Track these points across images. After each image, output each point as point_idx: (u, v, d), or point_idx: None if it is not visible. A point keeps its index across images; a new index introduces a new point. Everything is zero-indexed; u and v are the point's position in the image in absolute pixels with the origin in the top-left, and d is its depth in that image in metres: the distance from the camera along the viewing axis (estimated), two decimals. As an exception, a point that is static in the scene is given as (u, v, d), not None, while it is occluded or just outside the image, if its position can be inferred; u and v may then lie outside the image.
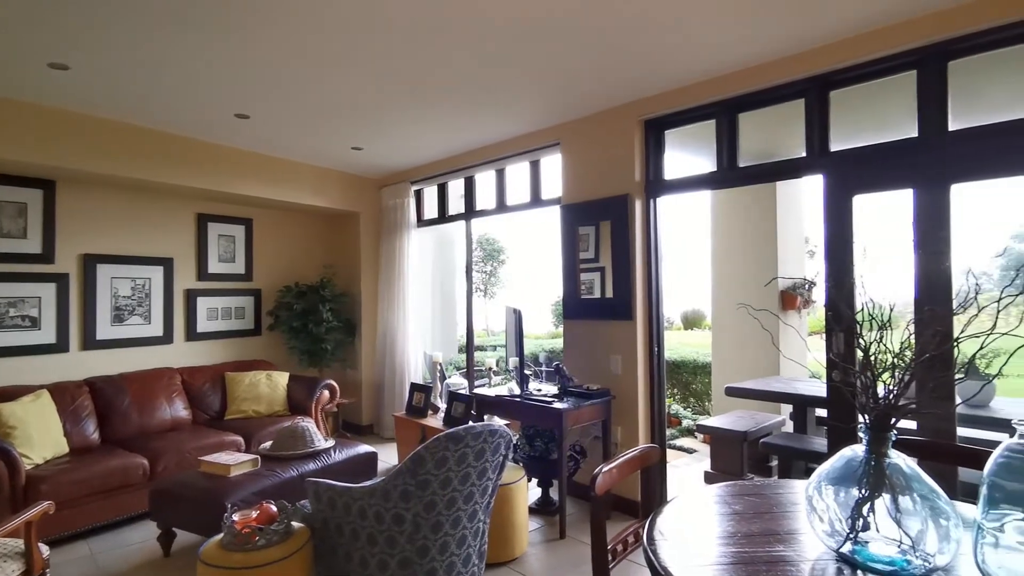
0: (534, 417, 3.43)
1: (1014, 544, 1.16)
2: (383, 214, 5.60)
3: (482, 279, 16.36)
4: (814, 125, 2.98)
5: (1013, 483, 1.19)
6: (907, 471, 1.31)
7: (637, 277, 3.61)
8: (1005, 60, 2.57)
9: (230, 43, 2.81)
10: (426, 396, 4.59)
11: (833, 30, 2.72)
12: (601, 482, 1.63)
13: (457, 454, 2.19)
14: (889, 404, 1.33)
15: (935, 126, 2.62)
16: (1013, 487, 1.19)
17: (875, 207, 2.83)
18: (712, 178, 3.41)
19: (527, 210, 4.47)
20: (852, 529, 1.32)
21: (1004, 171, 2.49)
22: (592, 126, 3.85)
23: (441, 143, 4.56)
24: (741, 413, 4.68)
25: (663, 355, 3.65)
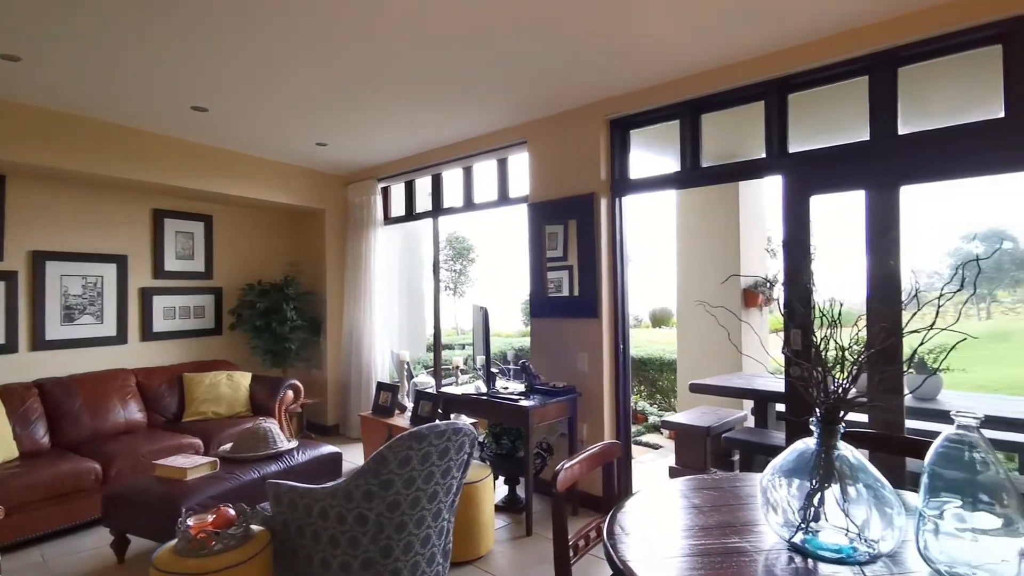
0: (501, 415, 3.43)
1: (952, 531, 1.21)
2: (349, 211, 5.52)
3: (451, 277, 16.26)
4: (773, 127, 3.06)
5: (952, 472, 1.24)
6: (854, 462, 1.35)
7: (603, 275, 3.64)
8: (950, 68, 2.69)
9: (186, 34, 2.72)
10: (393, 395, 4.55)
11: (791, 35, 2.79)
12: (562, 479, 1.63)
13: (421, 453, 2.17)
14: (838, 398, 1.38)
15: (886, 130, 2.71)
16: (952, 476, 1.24)
17: (835, 207, 2.91)
18: (676, 178, 3.47)
19: (495, 208, 4.47)
20: (803, 519, 1.36)
21: (949, 174, 2.60)
22: (559, 125, 3.87)
23: (408, 140, 4.51)
24: (705, 409, 4.77)
25: (628, 353, 3.70)
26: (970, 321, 16.13)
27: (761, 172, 3.13)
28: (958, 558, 1.19)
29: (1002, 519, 1.18)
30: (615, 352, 3.67)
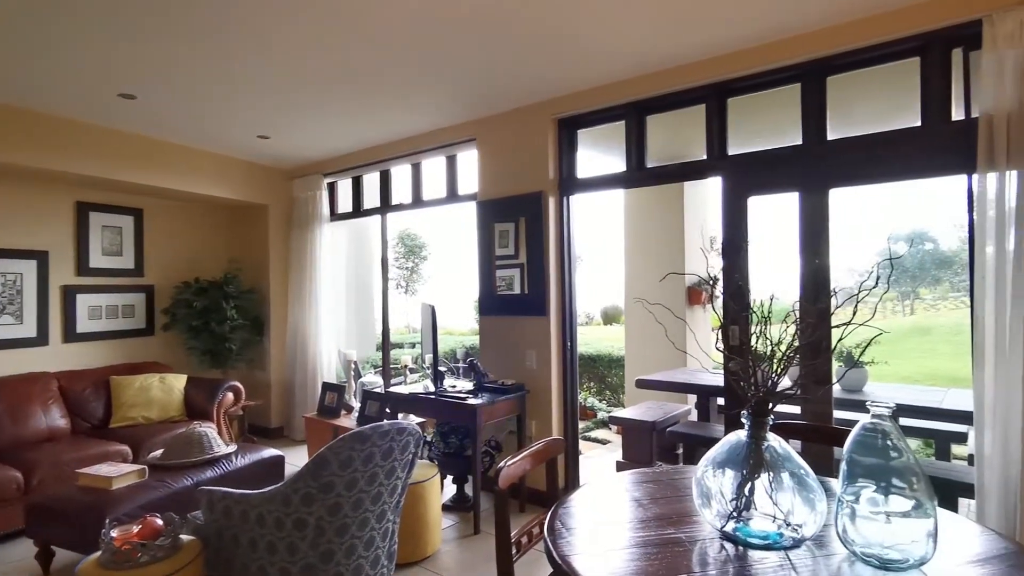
0: (449, 414, 3.41)
1: (867, 514, 1.28)
2: (294, 207, 5.35)
3: (402, 275, 16.04)
4: (714, 130, 3.16)
5: (867, 458, 1.31)
6: (781, 452, 1.41)
7: (551, 274, 3.67)
8: (874, 78, 2.84)
9: (110, 17, 2.56)
10: (339, 395, 4.44)
11: (730, 41, 2.88)
12: (504, 476, 1.63)
13: (363, 454, 2.12)
14: (766, 392, 1.43)
15: (816, 135, 2.84)
16: (867, 462, 1.31)
17: (774, 208, 3.03)
18: (622, 178, 3.53)
19: (444, 205, 4.43)
20: (735, 508, 1.41)
21: (873, 178, 2.75)
22: (507, 123, 3.87)
23: (355, 135, 4.41)
24: (651, 404, 4.89)
25: (576, 350, 3.74)
26: (896, 317, 17.19)
27: (702, 173, 3.23)
28: (872, 539, 1.26)
29: (913, 501, 1.26)
30: (563, 349, 3.71)
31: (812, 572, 1.25)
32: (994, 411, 2.28)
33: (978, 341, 2.33)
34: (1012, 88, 2.24)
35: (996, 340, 2.27)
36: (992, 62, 2.29)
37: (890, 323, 16.59)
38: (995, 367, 2.27)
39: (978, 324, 2.34)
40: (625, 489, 1.79)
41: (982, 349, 2.31)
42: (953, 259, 20.84)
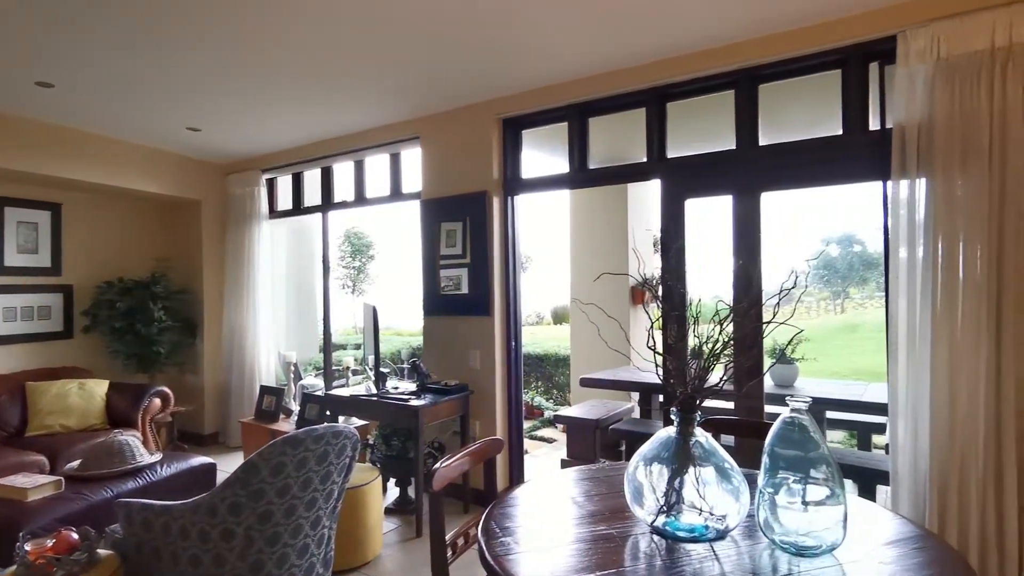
0: (391, 416, 3.35)
1: (786, 504, 1.33)
2: (230, 203, 5.13)
3: (349, 275, 15.66)
4: (654, 133, 3.23)
5: (787, 450, 1.37)
6: (707, 446, 1.45)
7: (495, 273, 3.66)
8: (801, 87, 2.98)
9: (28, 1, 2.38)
10: (277, 399, 4.29)
11: (667, 47, 2.95)
12: (439, 477, 1.61)
13: (297, 459, 2.05)
14: (693, 388, 1.47)
15: (748, 141, 2.96)
16: (787, 454, 1.37)
17: (712, 211, 3.12)
18: (565, 178, 3.56)
19: (387, 204, 4.35)
20: (664, 503, 1.44)
21: (800, 183, 2.88)
22: (451, 122, 3.84)
23: (295, 130, 4.27)
24: (595, 402, 4.96)
25: (520, 349, 3.75)
26: (828, 315, 18.15)
27: (643, 176, 3.30)
28: (790, 528, 1.31)
29: (827, 490, 1.32)
30: (508, 349, 3.71)
31: (733, 562, 1.29)
32: (906, 403, 2.43)
33: (892, 338, 2.48)
34: (922, 101, 2.39)
35: (908, 337, 2.42)
36: (904, 76, 2.44)
37: (823, 321, 17.50)
38: (907, 362, 2.42)
39: (892, 322, 2.49)
40: (562, 487, 1.80)
41: (896, 345, 2.46)
42: (879, 261, 22.21)
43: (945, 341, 2.30)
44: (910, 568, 1.25)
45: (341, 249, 15.22)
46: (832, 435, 5.37)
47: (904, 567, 1.26)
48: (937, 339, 2.32)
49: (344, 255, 15.21)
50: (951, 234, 2.31)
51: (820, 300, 19.81)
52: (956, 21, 2.32)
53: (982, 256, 2.24)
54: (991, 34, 2.25)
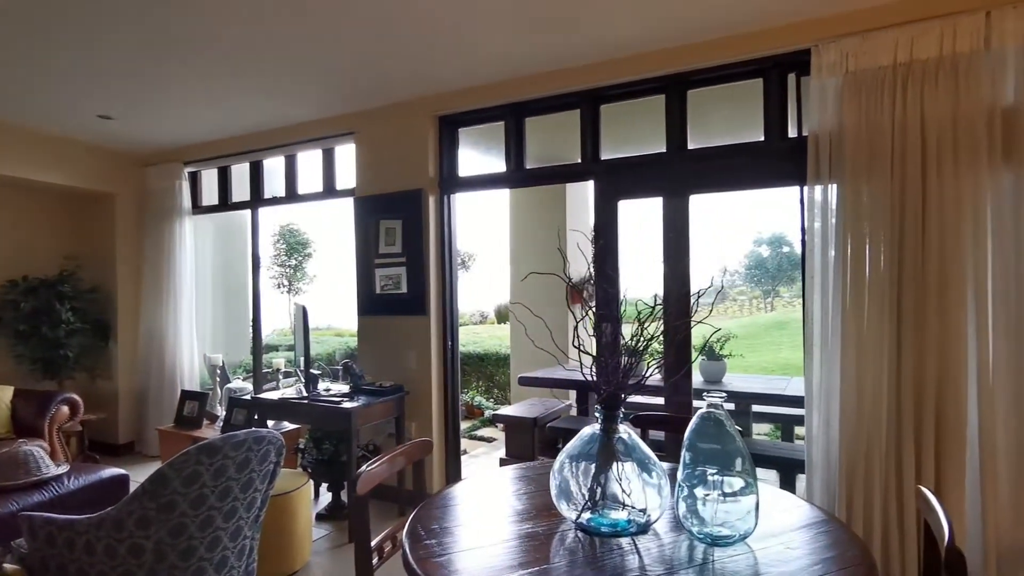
0: (322, 419, 3.24)
1: (702, 496, 1.37)
2: (148, 198, 4.82)
3: (284, 273, 15.04)
4: (588, 135, 3.28)
5: (704, 444, 1.41)
6: (629, 442, 1.48)
7: (431, 272, 3.62)
8: (727, 94, 3.10)
9: None
10: (200, 404, 4.07)
11: (601, 51, 3.00)
12: (363, 482, 1.57)
13: (214, 467, 1.94)
14: (616, 386, 1.49)
15: (678, 144, 3.05)
16: (704, 447, 1.41)
17: (649, 212, 3.19)
18: (501, 178, 3.56)
19: (320, 200, 4.21)
20: (588, 499, 1.46)
21: (726, 186, 3.00)
22: (387, 118, 3.76)
23: (221, 121, 4.06)
24: (534, 401, 5.00)
25: (457, 349, 3.72)
26: (760, 313, 19.07)
27: (578, 176, 3.35)
28: (708, 519, 1.36)
29: (741, 481, 1.37)
30: (444, 349, 3.67)
31: (653, 555, 1.32)
32: (820, 396, 2.57)
33: (808, 334, 2.63)
34: (833, 111, 2.54)
35: (822, 333, 2.57)
36: (818, 88, 2.58)
37: (754, 318, 18.40)
38: (820, 357, 2.57)
39: (808, 319, 2.63)
40: (494, 486, 1.80)
41: (811, 342, 2.61)
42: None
43: (853, 337, 2.45)
44: (814, 551, 1.32)
45: (276, 247, 14.65)
46: (759, 428, 5.64)
47: (809, 551, 1.32)
48: (846, 335, 2.47)
49: (279, 253, 14.63)
50: (858, 236, 2.47)
51: (752, 298, 20.83)
52: (863, 38, 2.48)
53: (885, 257, 2.41)
54: (894, 51, 2.42)
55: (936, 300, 2.31)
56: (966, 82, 2.29)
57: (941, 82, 2.33)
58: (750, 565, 1.26)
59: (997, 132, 2.25)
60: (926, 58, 2.36)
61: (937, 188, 2.33)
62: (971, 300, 2.28)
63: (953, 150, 2.30)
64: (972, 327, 2.27)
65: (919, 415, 2.34)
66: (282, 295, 15.38)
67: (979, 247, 2.27)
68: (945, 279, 2.30)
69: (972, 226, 2.28)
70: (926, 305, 2.34)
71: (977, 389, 2.26)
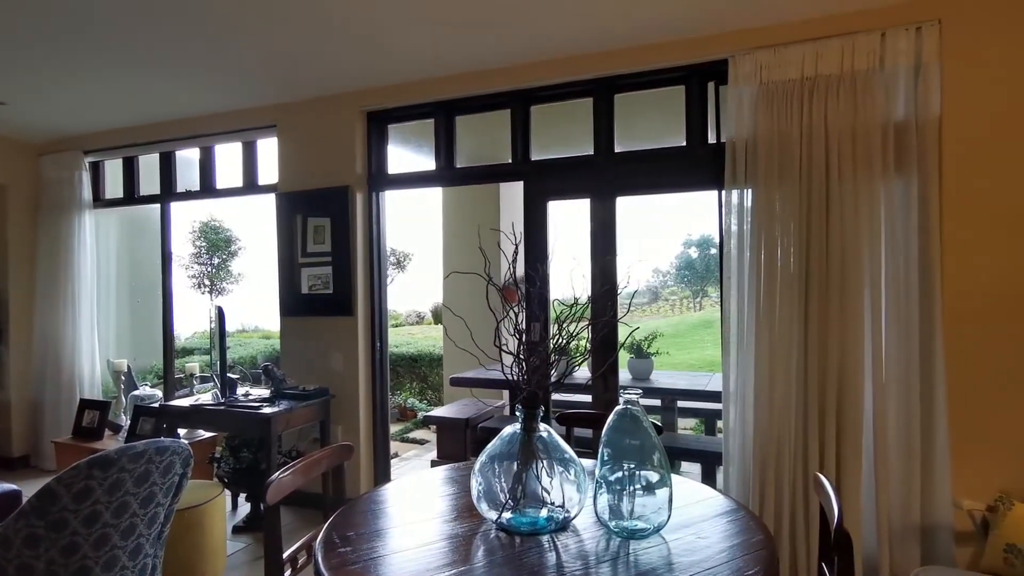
0: (239, 425, 3.08)
1: (618, 491, 1.39)
2: (43, 189, 4.41)
3: (205, 272, 14.16)
4: (518, 135, 3.29)
5: (621, 440, 1.44)
6: (549, 440, 1.48)
7: (359, 272, 3.51)
8: (653, 100, 3.20)
9: None
10: (101, 414, 3.77)
11: (530, 52, 3.01)
12: (274, 490, 1.48)
13: (108, 482, 1.79)
14: (534, 385, 1.49)
15: (606, 147, 3.11)
16: (621, 443, 1.44)
17: (578, 213, 3.23)
18: (432, 176, 3.51)
19: (240, 196, 4.00)
20: (508, 498, 1.45)
21: (652, 189, 3.09)
22: (312, 111, 3.62)
23: (126, 106, 3.77)
24: (467, 402, 4.96)
25: (386, 350, 3.64)
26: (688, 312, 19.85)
27: (508, 176, 3.36)
28: (624, 514, 1.38)
29: (656, 475, 1.41)
30: (372, 350, 3.57)
31: (572, 551, 1.32)
32: (736, 391, 2.69)
33: (725, 333, 2.74)
34: (748, 119, 2.67)
35: (738, 332, 2.69)
36: (735, 95, 2.71)
37: (683, 317, 19.14)
38: (737, 354, 2.69)
39: (726, 318, 2.75)
40: (416, 489, 1.76)
41: (728, 340, 2.72)
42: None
43: (766, 335, 2.58)
44: (723, 539, 1.37)
45: (196, 245, 13.73)
46: (684, 423, 5.86)
47: (718, 539, 1.37)
48: (760, 333, 2.59)
49: (200, 251, 13.74)
50: (771, 239, 2.60)
51: (682, 298, 21.69)
52: (775, 51, 2.61)
53: (794, 258, 2.55)
54: (801, 65, 2.57)
55: (838, 298, 2.48)
56: (863, 97, 2.47)
57: (842, 96, 2.50)
58: (663, 556, 1.29)
59: (890, 144, 2.44)
60: (829, 73, 2.53)
61: (839, 194, 2.49)
62: (867, 298, 2.45)
63: (852, 159, 2.47)
64: (868, 323, 2.45)
65: (823, 407, 2.50)
66: (203, 295, 14.51)
67: (874, 249, 2.45)
68: (845, 279, 2.47)
69: (868, 229, 2.45)
70: (828, 303, 2.50)
71: (872, 381, 2.44)
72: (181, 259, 14.43)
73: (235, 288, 14.93)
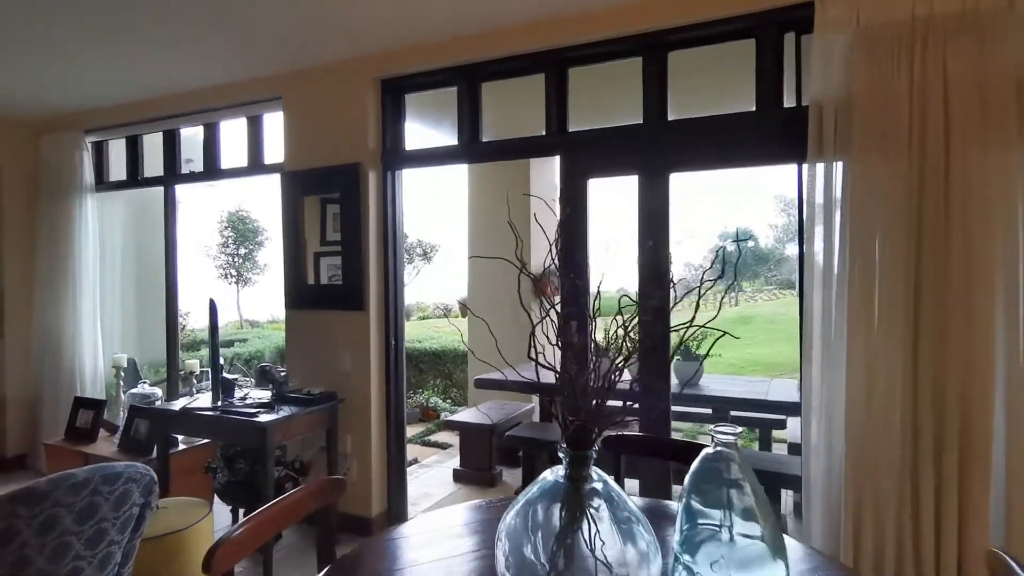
0: (233, 434, 2.72)
1: (706, 570, 0.95)
2: (43, 171, 4.12)
3: (231, 262, 14.01)
4: (553, 103, 2.82)
5: (711, 498, 0.99)
6: (606, 494, 1.04)
7: (371, 260, 3.11)
8: (713, 57, 2.69)
9: None
10: (96, 413, 3.47)
11: (568, 4, 2.55)
12: (220, 560, 1.07)
13: (37, 520, 1.42)
14: (590, 414, 1.05)
15: (657, 114, 2.63)
16: (711, 503, 0.99)
17: (621, 193, 2.76)
18: (454, 152, 3.08)
19: (246, 177, 3.65)
20: (550, 568, 1.02)
21: (712, 163, 2.60)
22: (320, 80, 3.22)
23: (127, 80, 3.44)
24: (493, 404, 4.55)
25: (402, 349, 3.23)
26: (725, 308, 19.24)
27: (541, 151, 2.91)
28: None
29: (759, 548, 0.96)
30: (385, 349, 3.17)
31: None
32: (820, 405, 2.20)
33: (806, 335, 2.25)
34: (839, 74, 2.16)
35: (823, 333, 2.20)
36: (821, 47, 2.20)
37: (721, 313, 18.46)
38: (821, 360, 2.20)
39: (806, 318, 2.25)
40: (429, 542, 1.34)
41: (810, 342, 2.23)
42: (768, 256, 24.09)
43: (861, 340, 2.08)
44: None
45: (223, 235, 13.60)
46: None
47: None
48: (854, 338, 2.10)
49: (226, 241, 13.58)
50: (869, 223, 2.09)
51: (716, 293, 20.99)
52: (876, -14, 2.09)
53: (900, 246, 2.04)
54: (911, 2, 2.04)
55: (961, 300, 1.95)
56: (991, 43, 1.94)
57: (966, 41, 1.97)
58: None
59: (1026, 101, 1.90)
60: (946, 12, 2.00)
61: (961, 166, 1.96)
62: (1000, 296, 1.93)
63: (981, 121, 1.94)
64: (1002, 332, 1.92)
65: (939, 432, 1.99)
66: (230, 286, 14.38)
67: (1010, 237, 1.92)
68: (970, 275, 1.94)
69: (1002, 212, 1.93)
70: (947, 306, 1.98)
71: (1005, 403, 1.92)
72: (209, 249, 14.45)
73: (259, 279, 14.82)
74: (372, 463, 3.11)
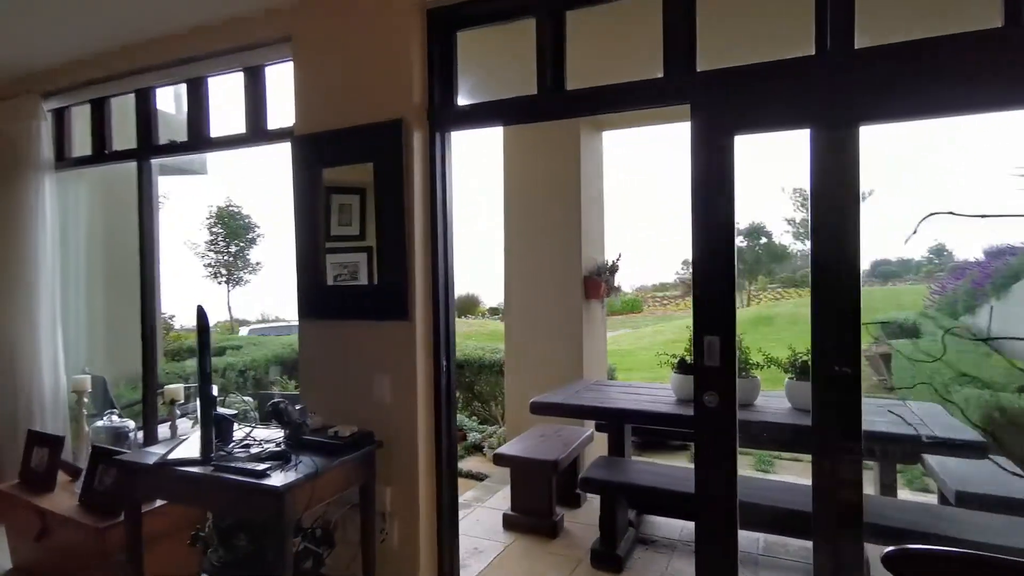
0: (234, 504, 1.91)
1: None
2: (-11, 143, 3.29)
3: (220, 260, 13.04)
4: (679, 33, 2.03)
5: None
6: None
7: (416, 252, 2.31)
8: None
9: None
10: (51, 451, 2.66)
11: None
12: None
13: None
14: None
15: (838, 41, 1.84)
16: None
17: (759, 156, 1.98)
18: (529, 105, 2.28)
19: (244, 147, 2.83)
20: None
21: (935, 107, 1.80)
22: (341, 11, 2.41)
23: (89, 24, 2.63)
24: (543, 430, 3.76)
25: (453, 372, 2.42)
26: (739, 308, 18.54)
27: (658, 99, 2.09)
28: None
29: None
30: (436, 372, 2.37)
31: None
32: None
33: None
34: None
35: None
36: None
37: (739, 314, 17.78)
38: None
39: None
40: None
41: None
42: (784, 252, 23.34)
43: None
44: None
45: (212, 231, 12.62)
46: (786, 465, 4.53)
47: None
48: None
49: (216, 239, 12.63)
50: None
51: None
52: None
53: None
54: None
55: None
56: None
57: None
58: None
59: None
60: None
61: None
62: None
63: None
64: None
65: None
66: (219, 286, 13.39)
67: None
68: None
69: None
70: None
71: None
72: (196, 247, 13.55)
73: (252, 278, 13.90)
74: (421, 524, 2.31)
